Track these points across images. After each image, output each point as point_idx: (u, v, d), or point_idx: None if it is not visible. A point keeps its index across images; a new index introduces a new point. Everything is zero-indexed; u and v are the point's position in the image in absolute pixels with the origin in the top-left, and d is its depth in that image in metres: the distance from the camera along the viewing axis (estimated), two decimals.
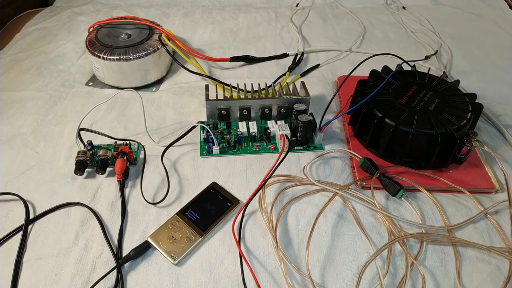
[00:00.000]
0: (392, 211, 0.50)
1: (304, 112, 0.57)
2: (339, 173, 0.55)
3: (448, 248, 0.46)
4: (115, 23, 0.73)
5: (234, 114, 0.61)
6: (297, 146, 0.59)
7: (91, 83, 0.71)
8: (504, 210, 0.50)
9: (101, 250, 0.45)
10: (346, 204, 0.51)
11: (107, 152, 0.53)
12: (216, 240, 0.47)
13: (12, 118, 0.63)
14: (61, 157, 0.56)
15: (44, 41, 0.83)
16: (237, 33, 0.89)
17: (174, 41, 0.72)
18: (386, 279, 0.43)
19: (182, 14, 0.95)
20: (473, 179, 0.53)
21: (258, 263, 0.44)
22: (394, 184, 0.50)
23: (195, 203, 0.50)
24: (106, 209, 0.50)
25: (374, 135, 0.55)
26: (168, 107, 0.66)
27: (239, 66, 0.78)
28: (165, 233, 0.46)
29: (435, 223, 0.49)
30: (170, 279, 0.43)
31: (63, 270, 0.43)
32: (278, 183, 0.53)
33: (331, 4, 1.03)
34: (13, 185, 0.52)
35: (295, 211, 0.50)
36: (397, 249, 0.46)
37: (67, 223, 0.48)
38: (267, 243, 0.46)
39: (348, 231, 0.48)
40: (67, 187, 0.52)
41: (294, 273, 0.43)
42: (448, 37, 0.88)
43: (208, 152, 0.57)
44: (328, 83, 0.73)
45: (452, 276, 0.44)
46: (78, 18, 0.92)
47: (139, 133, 0.61)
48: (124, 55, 0.66)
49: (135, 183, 0.53)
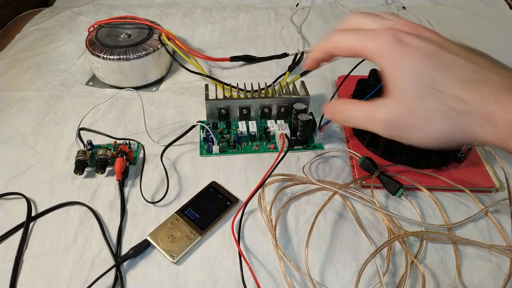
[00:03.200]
0: (392, 210, 0.50)
1: (304, 112, 0.57)
2: (338, 172, 0.55)
3: (448, 247, 0.46)
4: (115, 23, 0.73)
5: (234, 114, 0.61)
6: (297, 146, 0.58)
7: (91, 83, 0.72)
8: (505, 209, 0.50)
9: (100, 249, 0.45)
10: (345, 203, 0.51)
11: (106, 152, 0.53)
12: (215, 239, 0.47)
13: (13, 117, 0.63)
14: (61, 156, 0.57)
15: (44, 41, 0.83)
16: (237, 33, 0.89)
17: (174, 41, 0.72)
18: (386, 277, 0.43)
19: (182, 14, 0.95)
20: (473, 178, 0.53)
21: (258, 262, 0.44)
22: (394, 183, 0.50)
23: (195, 202, 0.50)
24: (105, 208, 0.50)
25: (374, 134, 0.55)
26: (168, 106, 0.66)
27: (239, 65, 0.78)
28: (165, 231, 0.46)
29: (435, 221, 0.49)
30: (169, 278, 0.43)
31: (61, 269, 0.43)
32: (278, 182, 0.53)
33: (331, 4, 1.03)
34: (14, 184, 0.52)
35: (294, 210, 0.50)
36: (397, 248, 0.46)
37: (66, 222, 0.48)
38: (267, 242, 0.46)
39: (348, 230, 0.48)
40: (66, 187, 0.52)
41: (293, 271, 0.43)
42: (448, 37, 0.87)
43: (207, 152, 0.57)
44: (328, 83, 0.73)
45: (452, 274, 0.43)
46: (78, 18, 0.92)
47: (138, 132, 0.61)
48: (124, 54, 0.66)
49: (134, 182, 0.53)
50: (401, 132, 0.31)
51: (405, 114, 0.30)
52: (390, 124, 0.31)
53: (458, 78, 0.28)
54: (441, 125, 0.29)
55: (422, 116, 0.29)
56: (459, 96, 0.28)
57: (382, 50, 0.30)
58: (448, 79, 0.28)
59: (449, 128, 0.29)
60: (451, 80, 0.28)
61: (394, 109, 0.31)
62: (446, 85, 0.28)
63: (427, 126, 0.29)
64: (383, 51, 0.30)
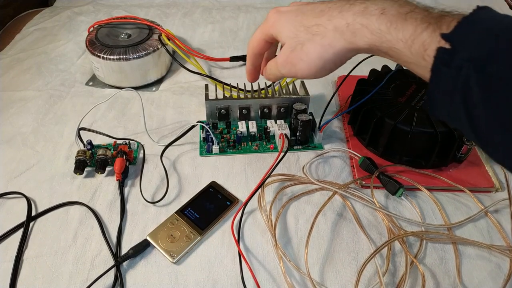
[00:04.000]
0: (392, 210, 0.50)
1: (303, 112, 0.57)
2: (338, 172, 0.55)
3: (448, 247, 0.46)
4: (115, 23, 0.73)
5: (234, 114, 0.61)
6: (297, 146, 0.58)
7: (91, 83, 0.72)
8: (505, 209, 0.50)
9: (99, 248, 0.45)
10: (345, 203, 0.51)
11: (106, 152, 0.53)
12: (215, 239, 0.47)
13: (13, 117, 0.63)
14: (61, 156, 0.57)
15: (44, 41, 0.83)
16: (237, 33, 0.89)
17: (174, 41, 0.72)
18: (386, 277, 0.43)
19: (182, 14, 0.95)
20: (473, 178, 0.53)
21: (257, 262, 0.44)
22: (394, 183, 0.50)
23: (195, 202, 0.50)
24: (105, 208, 0.50)
25: (374, 134, 0.55)
26: (168, 106, 0.66)
27: (239, 65, 0.78)
28: (164, 231, 0.46)
29: (435, 221, 0.49)
30: (169, 278, 0.43)
31: (61, 269, 0.43)
32: (278, 182, 0.53)
33: None
34: (14, 184, 0.52)
35: (294, 210, 0.50)
36: (397, 248, 0.46)
37: (66, 222, 0.48)
38: (266, 241, 0.46)
39: (348, 230, 0.48)
40: (66, 186, 0.52)
41: (293, 271, 0.43)
42: None
43: (207, 152, 0.57)
44: (327, 83, 0.73)
45: (452, 274, 0.43)
46: (78, 18, 0.92)
47: (138, 132, 0.61)
48: (124, 54, 0.66)
49: (134, 182, 0.53)
50: (292, 67, 0.42)
51: (290, 52, 0.41)
52: (284, 63, 0.43)
53: (313, 14, 0.40)
54: (313, 49, 0.39)
55: (300, 48, 0.40)
56: (316, 23, 0.39)
57: (269, 22, 0.43)
58: (308, 17, 0.40)
59: (319, 49, 0.39)
60: (309, 17, 0.40)
61: (284, 52, 0.42)
62: (308, 20, 0.40)
63: (305, 55, 0.40)
64: (270, 22, 0.43)
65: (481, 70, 0.28)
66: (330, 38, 0.38)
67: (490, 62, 0.28)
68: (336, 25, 0.38)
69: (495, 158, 0.33)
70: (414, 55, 0.33)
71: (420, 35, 0.32)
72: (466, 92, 0.29)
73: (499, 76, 0.27)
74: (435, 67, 0.31)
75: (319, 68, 0.41)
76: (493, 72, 0.27)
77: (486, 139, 0.30)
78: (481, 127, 0.30)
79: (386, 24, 0.34)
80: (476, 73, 0.28)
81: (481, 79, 0.28)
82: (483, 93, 0.28)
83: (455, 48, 0.29)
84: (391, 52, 0.35)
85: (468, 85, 0.28)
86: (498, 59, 0.27)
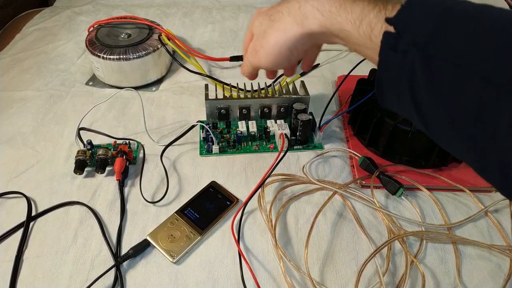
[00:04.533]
0: (392, 210, 0.50)
1: (303, 111, 0.57)
2: (338, 172, 0.55)
3: (448, 246, 0.46)
4: (115, 22, 0.73)
5: (234, 114, 0.61)
6: (297, 145, 0.58)
7: (91, 83, 0.72)
8: (504, 209, 0.50)
9: (99, 248, 0.45)
10: (345, 203, 0.51)
11: (106, 152, 0.53)
12: (215, 239, 0.47)
13: (13, 117, 0.63)
14: (61, 156, 0.57)
15: (44, 41, 0.83)
16: (237, 32, 0.89)
17: (174, 40, 0.72)
18: (386, 277, 0.43)
19: (182, 14, 0.95)
20: (473, 178, 0.53)
21: (257, 262, 0.44)
22: (394, 182, 0.50)
23: (195, 202, 0.50)
24: (105, 208, 0.50)
25: (374, 134, 0.55)
26: (168, 106, 0.66)
27: (239, 65, 0.77)
28: (164, 231, 0.46)
29: (435, 221, 0.49)
30: (169, 278, 0.43)
31: (61, 269, 0.43)
32: (278, 182, 0.53)
33: None
34: (14, 184, 0.52)
35: (294, 209, 0.50)
36: (397, 247, 0.46)
37: (66, 222, 0.48)
38: (266, 241, 0.46)
39: (348, 230, 0.48)
40: (66, 186, 0.52)
41: (293, 271, 0.43)
42: None
43: (207, 151, 0.57)
44: (327, 83, 0.73)
45: (452, 274, 0.43)
46: (78, 18, 0.92)
47: (138, 132, 0.61)
48: (124, 54, 0.66)
49: (134, 182, 0.53)
50: (256, 54, 0.44)
51: (255, 40, 0.44)
52: (251, 51, 0.45)
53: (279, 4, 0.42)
54: (272, 35, 0.41)
55: (262, 36, 0.43)
56: (277, 10, 0.41)
57: (252, 23, 0.45)
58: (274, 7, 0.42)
59: (275, 35, 0.41)
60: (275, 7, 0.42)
61: (252, 41, 0.45)
62: (272, 10, 0.42)
63: (266, 42, 0.42)
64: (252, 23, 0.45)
65: (423, 52, 0.28)
66: (284, 23, 0.40)
67: (431, 43, 0.27)
68: (290, 9, 0.39)
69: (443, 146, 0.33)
70: (362, 36, 0.33)
71: (367, 15, 0.33)
72: (412, 76, 0.29)
73: (440, 57, 0.27)
74: (382, 51, 0.31)
75: (276, 55, 0.42)
76: (434, 53, 0.27)
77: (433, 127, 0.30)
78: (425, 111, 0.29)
79: (336, 6, 0.35)
80: (419, 55, 0.28)
81: (423, 61, 0.28)
82: (425, 75, 0.28)
83: (399, 32, 0.29)
84: (341, 34, 0.36)
85: (413, 68, 0.28)
86: (437, 39, 0.27)
